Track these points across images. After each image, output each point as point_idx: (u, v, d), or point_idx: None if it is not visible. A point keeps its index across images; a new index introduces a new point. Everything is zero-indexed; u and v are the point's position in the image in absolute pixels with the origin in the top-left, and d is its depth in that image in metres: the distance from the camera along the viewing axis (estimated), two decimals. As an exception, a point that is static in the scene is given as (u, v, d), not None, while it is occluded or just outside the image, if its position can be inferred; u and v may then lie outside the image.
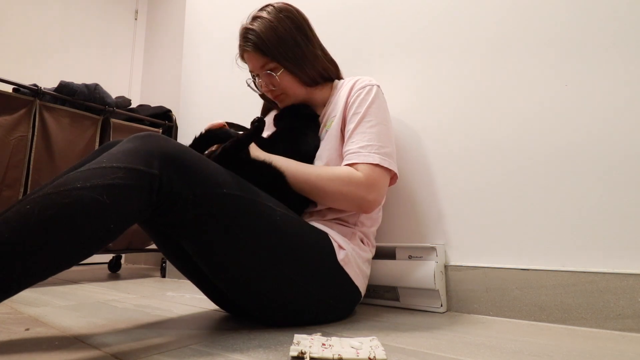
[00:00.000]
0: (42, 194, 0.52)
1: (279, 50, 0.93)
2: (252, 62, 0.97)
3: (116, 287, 1.43)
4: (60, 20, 2.51)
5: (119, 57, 2.82)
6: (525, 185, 0.92)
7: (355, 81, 0.96)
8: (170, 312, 0.93)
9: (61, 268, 0.54)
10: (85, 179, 0.53)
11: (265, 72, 0.95)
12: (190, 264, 0.82)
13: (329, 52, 1.05)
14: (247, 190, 0.70)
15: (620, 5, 0.84)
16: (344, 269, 0.81)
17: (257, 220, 0.69)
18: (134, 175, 0.55)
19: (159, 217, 0.63)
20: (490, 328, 0.79)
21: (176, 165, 0.61)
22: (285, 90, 0.98)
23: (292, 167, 0.83)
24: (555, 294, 0.82)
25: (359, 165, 0.83)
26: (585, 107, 0.86)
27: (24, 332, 0.72)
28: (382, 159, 0.84)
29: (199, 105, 1.87)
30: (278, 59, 0.93)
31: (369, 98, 0.91)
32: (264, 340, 0.67)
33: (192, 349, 0.62)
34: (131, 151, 0.58)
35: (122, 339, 0.67)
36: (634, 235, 0.78)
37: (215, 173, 0.67)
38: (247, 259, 0.69)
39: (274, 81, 0.96)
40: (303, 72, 0.97)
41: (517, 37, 0.97)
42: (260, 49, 0.92)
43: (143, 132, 0.65)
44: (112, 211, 0.54)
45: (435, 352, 0.61)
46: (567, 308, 0.81)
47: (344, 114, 0.93)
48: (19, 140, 1.39)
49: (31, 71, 2.28)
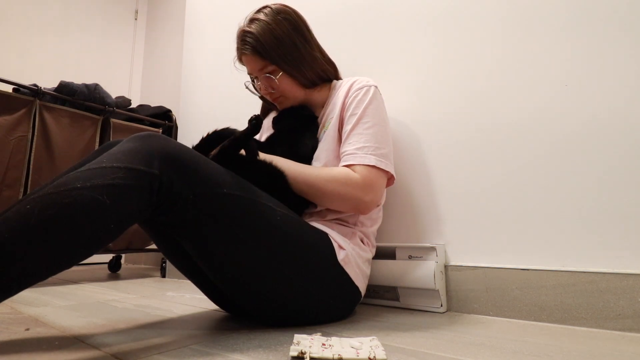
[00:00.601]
0: (42, 193, 0.52)
1: (277, 52, 0.92)
2: (251, 65, 0.96)
3: (116, 287, 1.43)
4: (60, 20, 2.51)
5: (119, 57, 2.82)
6: (525, 185, 0.92)
7: (353, 82, 0.96)
8: (170, 312, 0.93)
9: (61, 268, 0.54)
10: (85, 178, 0.53)
11: (264, 75, 0.95)
12: (190, 263, 0.82)
13: (327, 53, 1.05)
14: (248, 190, 0.70)
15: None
16: (344, 269, 0.81)
17: (257, 220, 0.69)
18: (134, 175, 0.55)
19: (159, 217, 0.63)
20: (490, 328, 0.79)
21: (176, 165, 0.61)
22: (284, 93, 0.98)
23: (291, 167, 0.83)
24: (555, 294, 0.82)
25: (356, 167, 0.83)
26: (585, 106, 0.86)
27: (24, 332, 0.72)
28: (378, 160, 0.84)
29: (199, 105, 1.87)
30: (276, 61, 0.93)
31: (366, 99, 0.90)
32: (264, 340, 0.67)
33: (192, 349, 0.62)
34: (131, 151, 0.58)
35: (122, 339, 0.67)
36: (634, 235, 0.78)
37: (215, 173, 0.67)
38: (247, 259, 0.69)
39: (273, 84, 0.96)
40: (301, 74, 0.96)
41: (518, 37, 0.97)
42: (258, 51, 0.92)
43: (143, 132, 0.65)
44: (112, 211, 0.54)
45: (435, 352, 0.61)
46: (567, 308, 0.81)
47: (341, 114, 0.93)
48: (19, 140, 1.39)
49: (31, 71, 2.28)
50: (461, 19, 1.08)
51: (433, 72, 1.11)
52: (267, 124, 1.12)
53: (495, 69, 1.00)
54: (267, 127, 1.13)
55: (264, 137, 1.12)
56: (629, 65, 0.82)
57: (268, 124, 1.12)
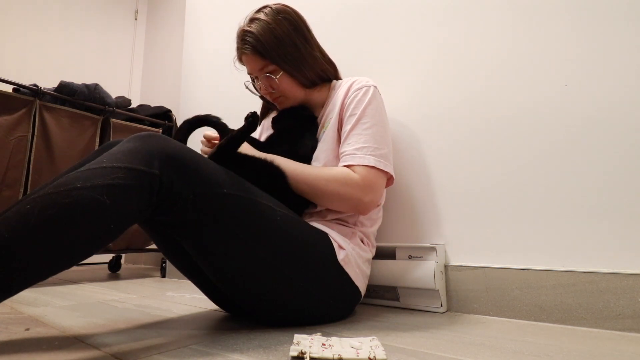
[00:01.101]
0: (42, 193, 0.52)
1: (277, 52, 0.92)
2: (251, 65, 0.96)
3: (116, 287, 1.43)
4: (60, 20, 2.51)
5: (119, 57, 2.81)
6: (525, 185, 0.92)
7: (352, 82, 0.96)
8: (170, 312, 0.93)
9: (61, 268, 0.54)
10: (85, 178, 0.53)
11: (264, 74, 0.95)
12: (190, 263, 0.82)
13: (327, 53, 1.04)
14: (248, 190, 0.70)
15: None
16: (344, 269, 0.81)
17: (257, 220, 0.69)
18: (134, 175, 0.56)
19: (159, 217, 0.63)
20: (490, 328, 0.79)
21: (176, 165, 0.61)
22: (284, 93, 0.98)
23: (291, 167, 0.82)
24: (555, 294, 0.82)
25: (355, 167, 0.83)
26: (585, 106, 0.86)
27: (24, 332, 0.72)
28: (377, 160, 0.84)
29: (199, 105, 1.87)
30: (277, 61, 0.93)
31: (365, 99, 0.90)
32: (264, 340, 0.67)
33: (192, 349, 0.62)
34: (131, 151, 0.58)
35: (122, 339, 0.67)
36: (634, 235, 0.78)
37: (215, 173, 0.67)
38: (247, 258, 0.69)
39: (273, 83, 0.96)
40: (302, 74, 0.96)
41: (518, 38, 0.97)
42: (258, 51, 0.92)
43: (143, 132, 0.65)
44: (112, 211, 0.54)
45: (435, 352, 0.61)
46: (567, 308, 0.81)
47: (341, 115, 0.93)
48: (19, 140, 1.39)
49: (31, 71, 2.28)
50: (461, 19, 1.08)
51: (433, 72, 1.11)
52: (267, 124, 1.12)
53: (495, 69, 1.00)
54: (267, 127, 1.13)
55: (264, 136, 1.12)
56: (629, 65, 0.82)
57: (268, 124, 1.12)
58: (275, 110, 1.12)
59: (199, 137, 0.94)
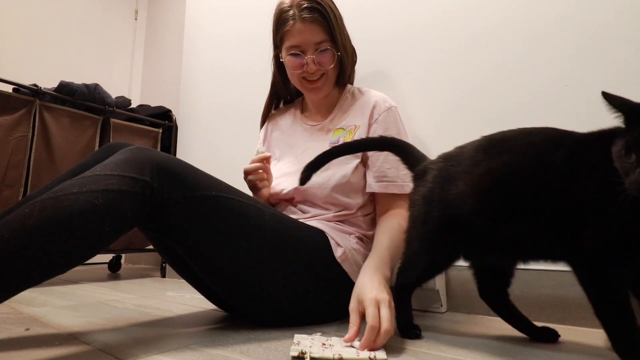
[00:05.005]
0: (39, 199, 0.55)
1: (339, 33, 0.87)
2: (308, 35, 0.86)
3: (116, 287, 1.43)
4: (60, 20, 2.50)
5: (119, 57, 2.81)
6: (525, 185, 0.91)
7: (375, 100, 0.93)
8: (170, 312, 0.93)
9: (59, 270, 0.56)
10: (80, 185, 0.56)
11: (322, 49, 0.87)
12: (188, 266, 0.82)
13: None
14: (235, 192, 0.73)
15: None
16: (341, 267, 0.81)
17: (246, 219, 0.71)
18: (127, 182, 0.58)
19: (152, 223, 0.65)
20: (490, 328, 0.79)
21: (166, 173, 0.63)
22: (329, 77, 0.91)
23: (388, 254, 0.77)
24: (555, 294, 0.82)
25: (401, 199, 0.84)
26: (585, 106, 0.86)
27: (24, 332, 0.72)
28: (409, 186, 0.80)
29: (199, 105, 1.87)
30: (337, 41, 0.87)
31: (397, 122, 0.91)
32: (264, 340, 0.67)
33: (192, 349, 0.62)
34: (123, 161, 0.61)
35: (122, 339, 0.67)
36: (634, 235, 0.77)
37: (203, 178, 0.69)
38: (239, 258, 0.70)
39: (328, 61, 0.87)
40: (345, 69, 0.93)
41: (519, 38, 0.97)
42: (327, 22, 0.85)
43: (134, 145, 0.69)
44: (107, 214, 0.56)
45: (435, 352, 0.61)
46: (567, 308, 0.81)
47: (369, 129, 0.91)
48: (19, 140, 1.39)
49: (31, 71, 2.28)
50: (461, 20, 1.07)
51: (433, 71, 1.11)
52: (271, 127, 1.10)
53: (495, 69, 1.00)
54: (270, 130, 1.10)
55: (269, 137, 1.08)
56: (629, 65, 0.82)
57: (272, 127, 1.10)
58: (283, 105, 1.09)
59: (199, 136, 0.94)
